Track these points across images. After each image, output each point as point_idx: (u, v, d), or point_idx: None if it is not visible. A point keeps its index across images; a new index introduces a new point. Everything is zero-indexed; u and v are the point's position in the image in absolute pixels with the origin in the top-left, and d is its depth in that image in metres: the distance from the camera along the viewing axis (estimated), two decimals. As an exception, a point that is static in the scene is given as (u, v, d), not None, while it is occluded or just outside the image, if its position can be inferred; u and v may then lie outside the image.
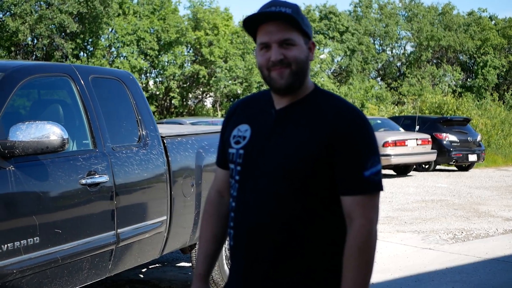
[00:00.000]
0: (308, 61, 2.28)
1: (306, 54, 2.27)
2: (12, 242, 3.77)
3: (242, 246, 2.29)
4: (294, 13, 2.22)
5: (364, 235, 2.16)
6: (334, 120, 2.19)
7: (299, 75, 2.25)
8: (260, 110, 2.35)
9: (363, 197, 2.18)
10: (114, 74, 5.43)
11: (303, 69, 2.26)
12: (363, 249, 2.16)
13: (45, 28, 27.09)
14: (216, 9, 33.39)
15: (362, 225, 2.16)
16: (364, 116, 2.24)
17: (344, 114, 2.21)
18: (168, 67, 30.91)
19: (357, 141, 2.18)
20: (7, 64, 4.53)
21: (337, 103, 2.26)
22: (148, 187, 5.18)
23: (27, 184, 3.94)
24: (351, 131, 2.18)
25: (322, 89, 2.33)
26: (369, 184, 2.18)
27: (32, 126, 3.85)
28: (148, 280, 6.72)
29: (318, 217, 2.22)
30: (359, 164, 2.17)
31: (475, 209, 11.93)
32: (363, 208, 2.17)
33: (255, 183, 2.25)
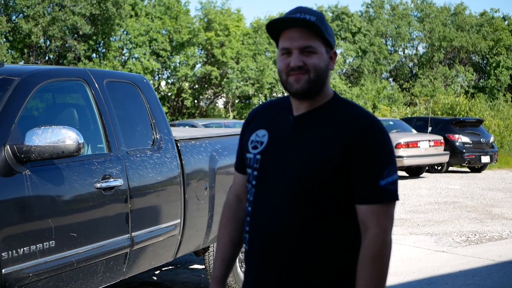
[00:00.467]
0: (328, 69, 2.29)
1: (327, 63, 2.29)
2: (28, 246, 3.80)
3: (258, 251, 2.30)
4: (318, 21, 2.24)
5: (378, 244, 2.17)
6: (352, 129, 2.21)
7: (317, 82, 2.26)
8: (279, 116, 2.37)
9: (378, 207, 2.19)
10: (128, 78, 5.46)
11: (322, 77, 2.27)
12: (377, 258, 2.17)
13: (58, 29, 27.23)
14: (227, 10, 33.42)
15: (376, 234, 2.17)
16: (382, 126, 2.25)
17: (362, 123, 2.22)
18: (180, 68, 30.99)
19: (374, 151, 2.19)
20: (23, 69, 4.57)
21: (355, 112, 2.27)
22: (162, 190, 5.21)
23: (43, 188, 3.97)
24: (369, 140, 2.19)
25: (341, 97, 2.35)
26: (384, 193, 2.18)
27: (48, 131, 3.88)
28: (162, 282, 6.75)
29: (332, 224, 2.23)
30: (375, 173, 2.18)
31: (488, 211, 11.89)
32: (378, 217, 2.18)
33: (271, 188, 2.27)
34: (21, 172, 3.85)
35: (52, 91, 4.80)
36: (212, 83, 32.59)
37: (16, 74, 4.30)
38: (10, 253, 3.68)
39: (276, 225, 2.24)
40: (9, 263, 3.67)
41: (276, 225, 2.25)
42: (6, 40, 28.01)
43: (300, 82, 2.25)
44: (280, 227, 2.24)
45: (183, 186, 5.39)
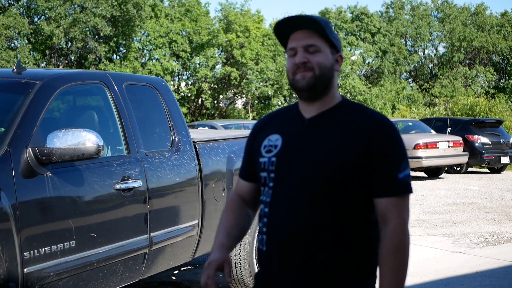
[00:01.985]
0: (332, 70, 2.39)
1: (331, 62, 2.38)
2: (50, 246, 3.91)
3: (276, 251, 2.35)
4: (322, 22, 2.35)
5: (400, 234, 2.28)
6: (369, 128, 2.32)
7: (322, 79, 2.36)
8: (289, 121, 2.44)
9: (397, 199, 2.30)
10: (147, 80, 5.56)
11: (326, 75, 2.37)
12: (399, 248, 2.27)
13: (79, 31, 27.49)
14: (247, 11, 33.53)
15: (398, 224, 2.28)
16: (394, 124, 2.39)
17: (376, 122, 2.34)
18: (199, 69, 31.14)
19: (390, 147, 2.32)
20: (45, 73, 4.68)
21: (367, 112, 2.38)
22: (180, 192, 5.29)
23: (64, 190, 4.07)
24: (385, 138, 2.32)
25: (350, 100, 2.46)
26: (403, 185, 2.30)
27: (69, 134, 3.98)
28: (180, 282, 6.84)
29: (349, 224, 2.30)
30: (394, 167, 2.30)
31: (507, 212, 11.86)
32: (397, 209, 2.29)
33: (289, 189, 2.33)
34: (42, 174, 3.95)
35: (73, 94, 4.91)
36: (231, 84, 32.72)
37: (38, 78, 4.41)
38: (32, 253, 3.78)
39: (294, 225, 2.30)
40: (31, 263, 3.77)
41: (294, 225, 2.30)
42: (28, 42, 28.33)
43: (305, 78, 2.34)
44: (298, 227, 2.30)
45: (201, 187, 5.48)
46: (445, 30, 40.20)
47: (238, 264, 6.13)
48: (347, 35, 37.16)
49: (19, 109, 4.11)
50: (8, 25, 26.41)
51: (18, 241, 3.68)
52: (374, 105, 32.68)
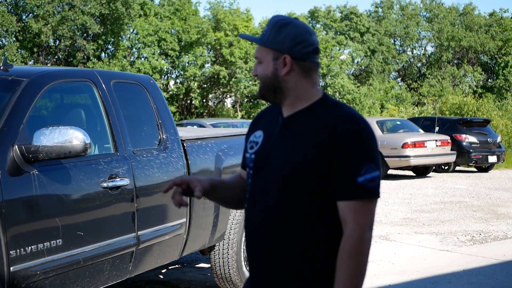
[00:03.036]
0: (277, 75, 2.36)
1: (272, 70, 2.37)
2: (36, 244, 3.89)
3: (251, 247, 2.43)
4: (267, 31, 2.38)
5: (354, 240, 2.23)
6: (332, 128, 2.27)
7: (267, 88, 2.39)
8: (273, 118, 2.48)
9: (355, 203, 2.24)
10: (135, 78, 5.54)
11: (270, 83, 2.38)
12: (353, 253, 2.23)
13: (68, 29, 27.37)
14: (236, 10, 33.51)
15: (353, 229, 2.24)
16: (365, 124, 2.30)
17: (343, 122, 2.28)
18: (188, 68, 31.09)
19: (353, 148, 2.25)
20: (32, 70, 4.66)
21: (337, 112, 2.32)
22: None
23: (50, 188, 4.06)
24: (348, 138, 2.25)
25: (329, 99, 2.41)
26: (363, 190, 2.24)
27: (56, 131, 3.96)
28: (168, 281, 6.83)
29: (312, 222, 2.30)
30: (354, 170, 2.24)
31: (494, 211, 11.92)
32: (355, 213, 2.24)
33: (262, 187, 2.38)
34: (29, 171, 3.93)
35: (60, 91, 4.88)
36: (220, 83, 32.69)
37: (24, 75, 4.38)
38: (18, 252, 3.76)
39: (264, 222, 2.35)
40: (17, 261, 3.76)
41: (264, 222, 2.35)
42: (16, 39, 28.19)
43: (259, 88, 2.43)
44: (267, 224, 2.34)
45: (188, 186, 5.46)
46: (434, 30, 40.31)
47: (226, 263, 6.13)
48: (336, 34, 37.20)
49: (5, 106, 4.08)
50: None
51: (4, 239, 3.66)
52: (363, 104, 32.72)
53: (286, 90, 2.37)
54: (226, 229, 6.07)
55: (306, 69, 2.37)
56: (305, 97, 2.38)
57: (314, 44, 2.38)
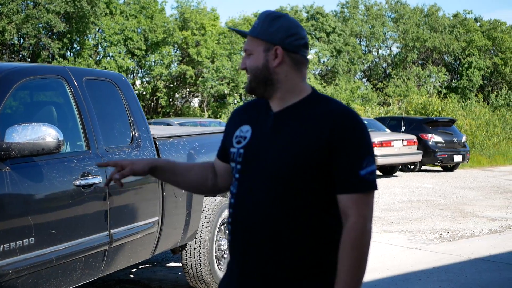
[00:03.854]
0: (268, 67, 2.36)
1: (263, 61, 2.36)
2: (8, 242, 3.82)
3: (239, 242, 2.38)
4: (259, 23, 2.37)
5: (357, 231, 2.25)
6: (331, 123, 2.28)
7: (257, 81, 2.38)
8: (260, 113, 2.45)
9: (358, 195, 2.27)
10: (107, 76, 5.48)
11: (260, 75, 2.37)
12: (356, 245, 2.24)
13: (32, 27, 27.01)
14: (203, 9, 33.41)
15: (356, 222, 2.25)
16: (361, 119, 2.34)
17: (342, 117, 2.29)
18: (155, 67, 30.91)
19: (354, 142, 2.27)
20: (2, 66, 4.57)
21: (334, 107, 2.33)
22: (140, 188, 5.24)
23: (23, 186, 3.99)
24: (349, 133, 2.28)
25: (319, 94, 2.41)
26: (364, 182, 2.27)
27: (28, 128, 3.90)
28: (138, 280, 6.78)
29: (311, 217, 2.30)
30: (356, 163, 2.26)
31: (461, 209, 12.06)
32: (357, 206, 2.26)
33: (253, 181, 2.34)
34: (0, 169, 3.86)
35: (31, 88, 4.81)
36: (187, 82, 32.56)
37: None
38: (-10, 250, 3.69)
39: (257, 217, 2.31)
40: (-11, 260, 3.69)
41: (256, 217, 2.32)
42: (-22, 37, 27.73)
43: (248, 82, 2.40)
44: (260, 220, 2.31)
45: (161, 184, 5.43)
46: (399, 31, 40.69)
47: (198, 262, 6.10)
48: (302, 34, 37.29)
49: (-24, 103, 4.00)
50: (-42, 20, 25.83)
51: (-24, 238, 3.58)
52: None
53: (276, 83, 2.36)
54: (198, 227, 6.04)
55: (297, 62, 2.37)
56: (296, 91, 2.37)
57: (305, 38, 2.39)
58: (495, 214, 11.44)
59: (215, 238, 6.25)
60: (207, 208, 6.18)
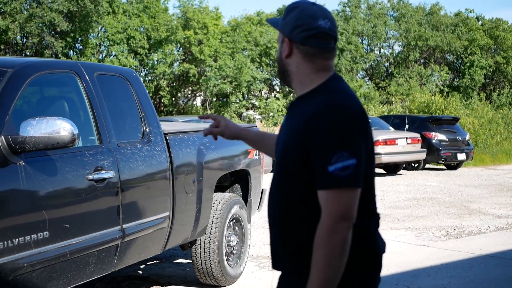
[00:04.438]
0: (281, 59, 2.40)
1: (279, 53, 2.42)
2: (23, 236, 3.82)
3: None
4: (283, 16, 2.41)
5: (322, 229, 2.18)
6: (308, 116, 2.24)
7: (278, 72, 2.46)
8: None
9: (327, 192, 2.19)
10: (118, 71, 5.48)
11: (278, 67, 2.45)
12: (320, 244, 2.17)
13: (35, 26, 27.03)
14: (205, 8, 33.41)
15: (323, 219, 2.19)
16: (342, 111, 2.22)
17: (317, 110, 2.23)
18: (158, 66, 30.93)
19: (322, 136, 2.19)
20: (15, 61, 4.58)
21: (321, 99, 2.27)
22: (151, 183, 5.24)
23: (37, 179, 3.99)
24: (319, 126, 2.20)
25: (328, 85, 2.34)
26: (332, 179, 2.17)
27: (43, 122, 3.89)
28: (147, 276, 6.77)
29: (303, 210, 2.29)
30: (324, 159, 2.18)
31: (466, 206, 12.06)
32: (326, 203, 2.19)
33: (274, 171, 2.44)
34: (15, 162, 3.86)
35: (44, 83, 4.80)
36: (190, 81, 32.57)
37: (8, 65, 4.31)
38: (5, 244, 3.69)
39: (269, 202, 2.43)
40: (4, 253, 3.68)
41: (269, 201, 2.43)
42: (-19, 36, 27.75)
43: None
44: (270, 210, 2.43)
45: (172, 179, 5.43)
46: (401, 29, 40.67)
47: (208, 257, 6.10)
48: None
49: (-10, 97, 4.00)
50: (-39, 19, 25.85)
51: (-8, 231, 3.58)
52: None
53: (290, 74, 2.39)
54: (207, 223, 6.04)
55: (307, 54, 2.33)
56: (307, 82, 2.35)
57: (317, 29, 2.32)
58: (501, 212, 11.44)
59: (224, 234, 6.25)
60: (216, 204, 6.18)
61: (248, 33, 33.57)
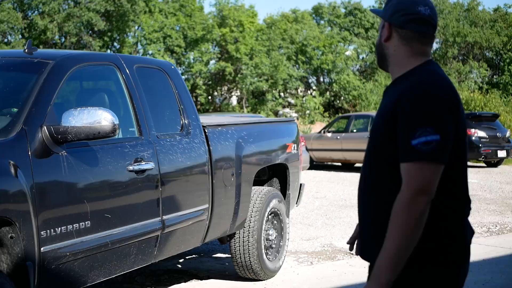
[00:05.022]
0: (381, 43, 2.51)
1: (379, 38, 2.52)
2: (65, 225, 3.85)
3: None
4: (385, 5, 2.50)
5: (401, 200, 2.23)
6: (402, 92, 2.32)
7: (377, 57, 2.57)
8: None
9: (408, 165, 2.24)
10: (157, 64, 5.50)
11: (377, 51, 2.56)
12: (397, 213, 2.23)
13: (73, 26, 27.36)
14: (241, 6, 33.47)
15: (402, 191, 2.25)
16: (430, 89, 2.29)
17: (408, 88, 2.31)
18: (194, 65, 31.06)
19: (410, 111, 2.26)
20: (56, 53, 4.62)
21: (417, 77, 2.36)
22: (191, 175, 5.24)
23: (79, 169, 4.01)
24: (408, 101, 2.27)
25: (423, 67, 2.42)
26: (414, 152, 2.23)
27: (84, 112, 3.91)
28: (186, 270, 6.79)
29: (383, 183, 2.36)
30: (408, 132, 2.24)
31: (508, 203, 11.86)
32: (407, 176, 2.24)
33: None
34: (57, 152, 3.88)
35: (84, 74, 4.83)
36: (226, 79, 32.64)
37: (50, 57, 4.35)
38: (48, 232, 3.72)
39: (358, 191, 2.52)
40: (47, 242, 3.71)
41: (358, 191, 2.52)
42: (22, 36, 28.17)
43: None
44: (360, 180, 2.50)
45: (211, 172, 5.42)
46: (439, 26, 40.21)
47: (247, 251, 6.09)
48: (341, 30, 37.14)
49: (32, 87, 4.05)
50: (1, 20, 26.25)
51: (35, 219, 3.61)
52: (369, 100, 32.65)
53: (388, 57, 2.49)
54: (246, 217, 6.03)
55: (405, 37, 2.43)
56: (403, 65, 2.44)
57: (417, 14, 2.41)
58: (543, 208, 11.23)
59: (263, 227, 6.23)
60: (255, 198, 6.16)
61: (283, 31, 33.54)
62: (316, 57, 34.22)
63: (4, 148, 3.65)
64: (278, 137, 6.82)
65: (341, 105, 35.79)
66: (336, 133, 18.72)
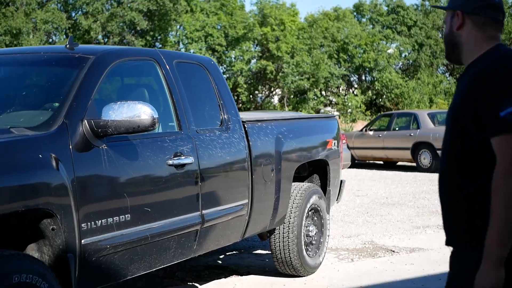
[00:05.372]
0: (452, 32, 2.56)
1: (449, 26, 2.58)
2: (106, 218, 3.88)
3: None
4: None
5: (498, 174, 2.24)
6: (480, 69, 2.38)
7: (447, 47, 2.61)
8: None
9: (500, 138, 2.26)
10: (197, 59, 5.52)
11: (447, 41, 2.60)
12: (497, 187, 2.24)
13: (116, 25, 27.68)
14: (282, 5, 33.45)
15: (498, 164, 2.26)
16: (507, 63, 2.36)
17: (490, 62, 2.39)
18: (235, 63, 31.15)
19: (494, 84, 2.31)
20: (97, 48, 4.67)
21: (494, 54, 2.43)
22: (230, 170, 5.25)
23: (119, 163, 4.04)
24: (490, 76, 2.33)
25: (497, 48, 2.48)
26: (505, 123, 2.25)
27: (124, 106, 3.94)
28: (227, 266, 6.80)
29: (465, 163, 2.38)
30: (495, 105, 2.27)
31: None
32: (501, 148, 2.26)
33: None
34: (98, 146, 3.92)
35: (125, 69, 4.86)
36: (267, 78, 32.67)
37: (91, 53, 4.40)
38: (89, 225, 3.76)
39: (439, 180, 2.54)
40: (88, 234, 3.75)
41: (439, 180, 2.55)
42: (66, 36, 28.60)
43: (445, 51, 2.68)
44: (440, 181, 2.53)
45: (250, 167, 5.42)
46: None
47: (287, 247, 6.08)
48: (383, 28, 36.85)
49: (73, 82, 4.09)
50: (46, 20, 26.71)
51: (76, 212, 3.65)
52: (412, 98, 32.34)
53: (460, 45, 2.54)
54: (286, 212, 6.01)
55: (479, 23, 2.50)
56: (476, 50, 2.50)
57: (489, 0, 2.50)
58: None
59: (303, 223, 6.21)
60: (295, 193, 6.14)
61: (325, 29, 33.41)
62: (357, 55, 34.03)
63: (46, 142, 3.70)
64: (318, 133, 6.79)
65: (383, 104, 35.50)
66: (378, 131, 18.57)
